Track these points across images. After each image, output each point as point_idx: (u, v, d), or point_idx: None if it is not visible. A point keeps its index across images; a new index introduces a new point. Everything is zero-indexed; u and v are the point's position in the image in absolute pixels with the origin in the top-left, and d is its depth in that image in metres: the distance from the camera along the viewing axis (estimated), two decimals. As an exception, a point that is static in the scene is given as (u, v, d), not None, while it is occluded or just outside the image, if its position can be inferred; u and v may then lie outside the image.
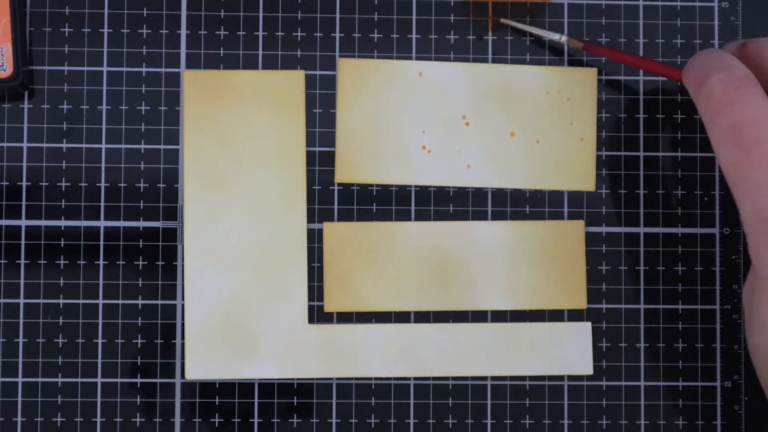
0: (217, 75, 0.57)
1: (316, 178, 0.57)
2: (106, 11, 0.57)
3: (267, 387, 0.56)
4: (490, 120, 0.57)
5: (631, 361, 0.57)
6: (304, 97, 0.57)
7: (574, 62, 0.58)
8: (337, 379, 0.56)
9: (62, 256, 0.56)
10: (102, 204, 0.56)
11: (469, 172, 0.57)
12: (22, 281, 0.56)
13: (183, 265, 0.56)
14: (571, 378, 0.57)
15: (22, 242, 0.56)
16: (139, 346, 0.56)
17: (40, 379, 0.55)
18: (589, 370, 0.57)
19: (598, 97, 0.58)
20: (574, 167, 0.57)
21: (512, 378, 0.57)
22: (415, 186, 0.57)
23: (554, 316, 0.57)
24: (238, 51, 0.57)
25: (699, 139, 0.58)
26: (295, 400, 0.56)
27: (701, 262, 0.58)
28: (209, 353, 0.55)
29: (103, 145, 0.56)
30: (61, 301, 0.56)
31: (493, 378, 0.57)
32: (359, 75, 0.57)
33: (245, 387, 0.56)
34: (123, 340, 0.56)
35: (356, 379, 0.56)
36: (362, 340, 0.56)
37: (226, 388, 0.56)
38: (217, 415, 0.56)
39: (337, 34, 0.57)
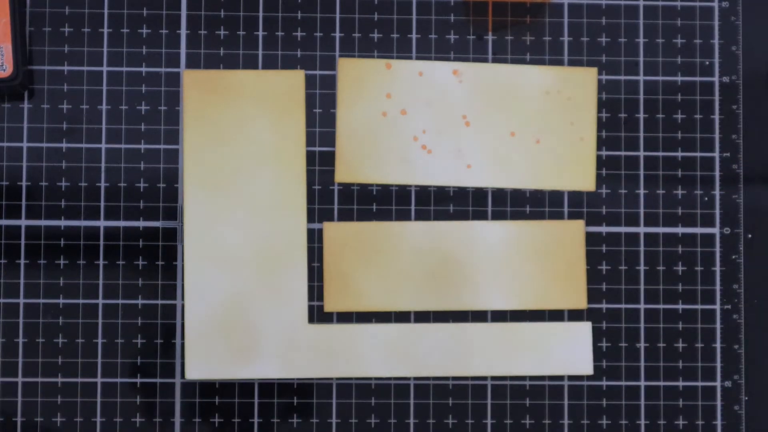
0: (217, 75, 0.57)
1: (316, 178, 0.57)
2: (106, 11, 0.57)
3: (267, 387, 0.56)
4: (490, 120, 0.57)
5: (631, 361, 0.57)
6: (304, 97, 0.57)
7: (574, 62, 0.58)
8: (337, 379, 0.56)
9: (62, 256, 0.56)
10: (102, 204, 0.56)
11: (469, 172, 0.57)
12: (22, 281, 0.56)
13: (183, 265, 0.56)
14: (571, 378, 0.57)
15: (22, 242, 0.56)
16: (139, 346, 0.56)
17: (40, 379, 0.55)
18: (589, 370, 0.57)
19: (598, 97, 0.58)
20: (574, 167, 0.57)
21: (512, 378, 0.57)
22: (415, 186, 0.57)
23: (554, 316, 0.57)
24: (238, 51, 0.57)
25: (699, 139, 0.58)
26: (295, 400, 0.56)
27: (701, 262, 0.58)
28: (209, 353, 0.55)
29: (103, 145, 0.56)
30: (61, 301, 0.56)
31: (493, 378, 0.57)
32: (359, 75, 0.57)
33: (245, 387, 0.56)
34: (123, 340, 0.56)
35: (356, 379, 0.56)
36: (362, 340, 0.56)
37: (226, 388, 0.56)
38: (217, 415, 0.56)
39: (337, 34, 0.57)
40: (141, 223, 0.56)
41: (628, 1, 0.58)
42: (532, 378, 0.57)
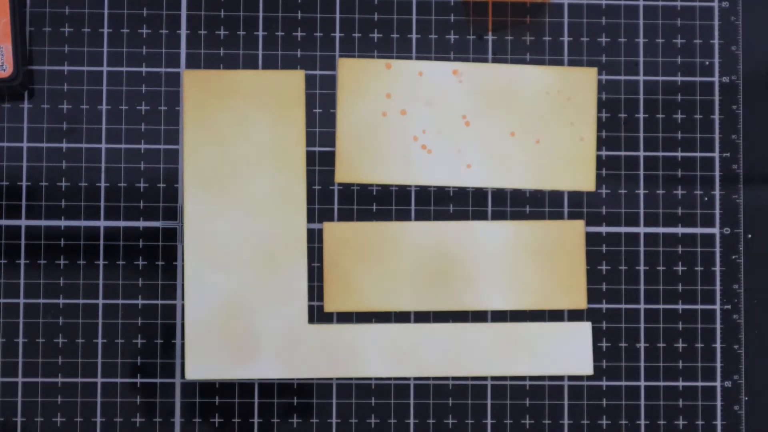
0: (217, 75, 0.57)
1: (316, 178, 0.57)
2: (106, 11, 0.57)
3: (267, 387, 0.56)
4: (490, 120, 0.57)
5: (631, 361, 0.57)
6: (304, 97, 0.57)
7: (574, 62, 0.58)
8: (337, 379, 0.56)
9: (62, 256, 0.56)
10: (102, 204, 0.56)
11: (469, 172, 0.57)
12: (22, 281, 0.56)
13: (183, 265, 0.56)
14: (571, 378, 0.57)
15: (22, 242, 0.56)
16: (139, 346, 0.56)
17: (40, 379, 0.55)
18: (589, 370, 0.57)
19: (598, 97, 0.58)
20: (574, 167, 0.57)
21: (512, 378, 0.57)
22: (415, 186, 0.57)
23: (554, 316, 0.57)
24: (238, 51, 0.57)
25: (699, 139, 0.58)
26: (295, 400, 0.56)
27: (701, 262, 0.58)
28: (209, 353, 0.55)
29: (103, 145, 0.56)
30: (61, 301, 0.56)
31: (493, 378, 0.57)
32: (359, 75, 0.57)
33: (245, 387, 0.56)
34: (123, 340, 0.56)
35: (356, 379, 0.56)
36: (362, 340, 0.56)
37: (226, 388, 0.56)
38: (217, 415, 0.56)
39: (337, 34, 0.57)
40: (141, 223, 0.56)
41: (628, 1, 0.58)
42: (532, 378, 0.57)
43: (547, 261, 0.57)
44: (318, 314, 0.56)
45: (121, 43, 0.57)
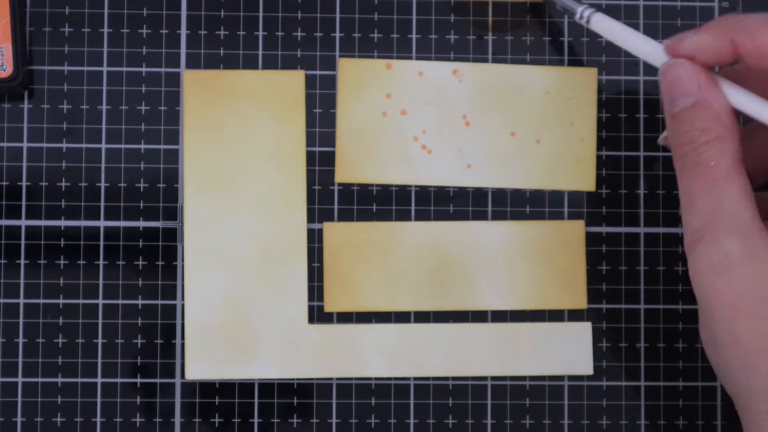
0: (217, 75, 0.57)
1: (316, 178, 0.57)
2: (106, 11, 0.57)
3: (267, 387, 0.56)
4: (490, 120, 0.57)
5: (631, 361, 0.57)
6: (304, 97, 0.57)
7: (574, 62, 0.58)
8: (337, 379, 0.56)
9: (62, 256, 0.56)
10: (102, 204, 0.56)
11: (469, 172, 0.57)
12: (21, 281, 0.56)
13: (183, 265, 0.56)
14: (571, 378, 0.57)
15: (22, 242, 0.56)
16: (139, 346, 0.56)
17: (40, 379, 0.55)
18: (589, 370, 0.57)
19: (598, 97, 0.58)
20: (574, 167, 0.57)
21: (512, 378, 0.57)
22: (415, 186, 0.57)
23: (554, 316, 0.57)
24: (238, 51, 0.57)
25: (699, 139, 0.58)
26: (295, 400, 0.56)
27: (701, 262, 0.57)
28: (209, 353, 0.55)
29: (103, 145, 0.56)
30: (61, 301, 0.56)
31: (493, 378, 0.57)
32: (359, 75, 0.57)
33: (245, 387, 0.56)
34: (123, 340, 0.56)
35: (356, 379, 0.56)
36: (362, 340, 0.56)
37: (226, 388, 0.56)
38: (217, 415, 0.56)
39: (337, 34, 0.57)
40: (141, 223, 0.56)
41: (628, 1, 0.58)
42: (532, 378, 0.57)
43: (547, 261, 0.57)
44: (318, 314, 0.56)
45: (121, 43, 0.57)
